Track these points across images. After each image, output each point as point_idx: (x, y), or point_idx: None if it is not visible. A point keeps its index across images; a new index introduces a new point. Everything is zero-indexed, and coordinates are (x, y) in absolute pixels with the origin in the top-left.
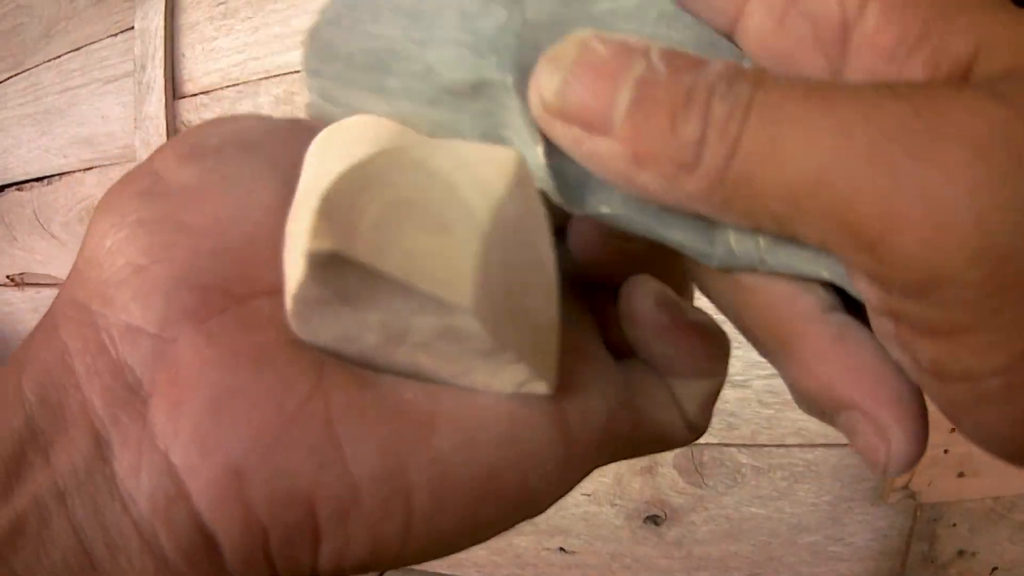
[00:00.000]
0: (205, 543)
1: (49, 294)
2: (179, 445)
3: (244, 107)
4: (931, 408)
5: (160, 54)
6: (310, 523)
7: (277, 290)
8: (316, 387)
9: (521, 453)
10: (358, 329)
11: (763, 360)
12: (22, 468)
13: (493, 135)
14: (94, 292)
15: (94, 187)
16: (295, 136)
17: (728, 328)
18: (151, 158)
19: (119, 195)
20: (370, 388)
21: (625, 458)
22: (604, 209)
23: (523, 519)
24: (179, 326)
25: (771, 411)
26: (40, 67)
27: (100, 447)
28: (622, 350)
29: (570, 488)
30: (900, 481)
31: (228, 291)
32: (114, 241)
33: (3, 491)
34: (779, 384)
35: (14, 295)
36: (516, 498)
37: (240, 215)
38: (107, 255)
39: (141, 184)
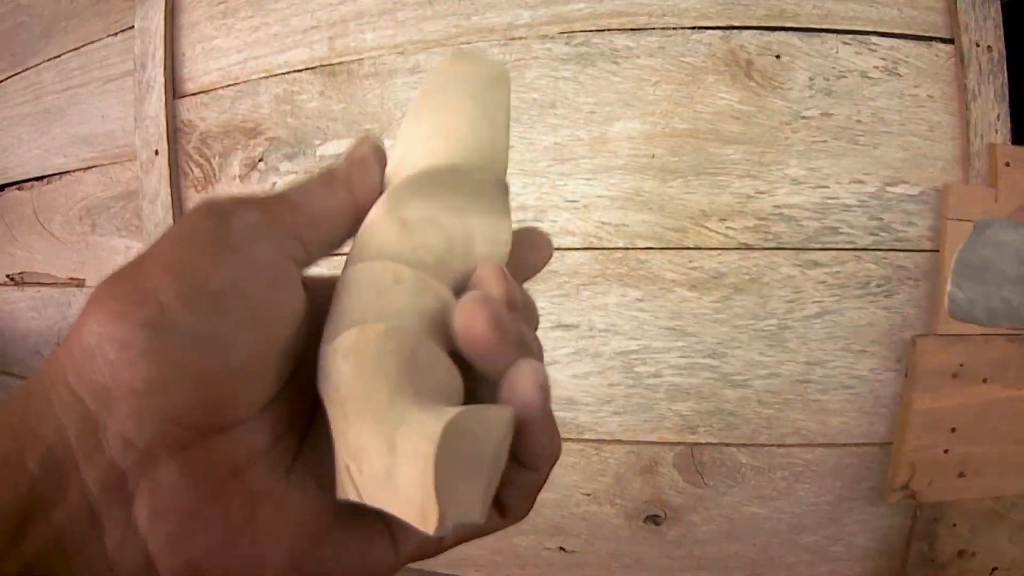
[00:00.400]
0: None
1: (49, 293)
2: (155, 541)
3: (244, 106)
4: (931, 407)
5: (160, 54)
6: None
7: (230, 427)
8: (248, 514)
9: (367, 556)
10: None
11: (763, 360)
12: (29, 525)
13: None
14: (92, 391)
15: (94, 186)
16: (282, 280)
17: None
18: (154, 268)
19: (125, 313)
20: (283, 513)
21: (456, 543)
22: None
23: None
24: (161, 450)
25: (771, 411)
26: (40, 67)
27: (94, 521)
28: None
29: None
30: (900, 481)
31: (199, 428)
32: (118, 359)
33: (12, 541)
34: (779, 384)
35: (14, 294)
36: None
37: (220, 367)
38: (108, 366)
39: (148, 314)
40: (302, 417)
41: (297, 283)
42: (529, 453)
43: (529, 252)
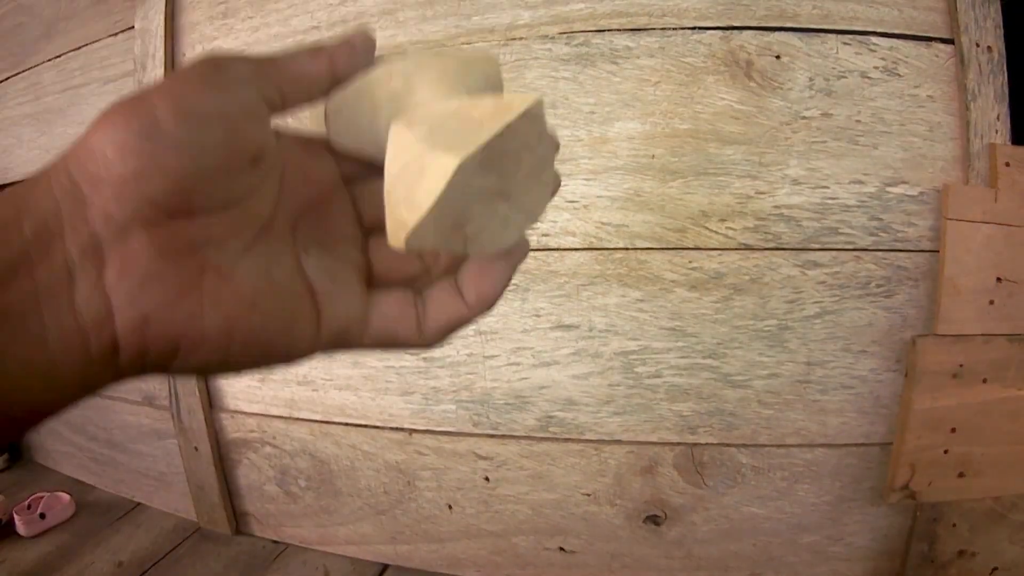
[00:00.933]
0: (113, 348)
1: None
2: (117, 294)
3: None
4: (931, 407)
5: (160, 54)
6: (173, 350)
7: (194, 214)
8: (196, 281)
9: (293, 329)
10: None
11: (763, 360)
12: (13, 278)
13: None
14: (87, 178)
15: None
16: (258, 102)
17: (726, 328)
18: (156, 94)
19: (127, 123)
20: (226, 283)
21: (373, 347)
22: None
23: (283, 363)
24: (136, 225)
25: (771, 411)
26: (40, 67)
27: (69, 278)
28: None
29: (315, 353)
30: (900, 481)
31: (169, 211)
32: (114, 155)
33: None
34: (779, 384)
35: None
36: (284, 351)
37: (193, 167)
38: (104, 160)
39: (144, 122)
40: (258, 221)
41: (266, 121)
42: (475, 291)
43: None
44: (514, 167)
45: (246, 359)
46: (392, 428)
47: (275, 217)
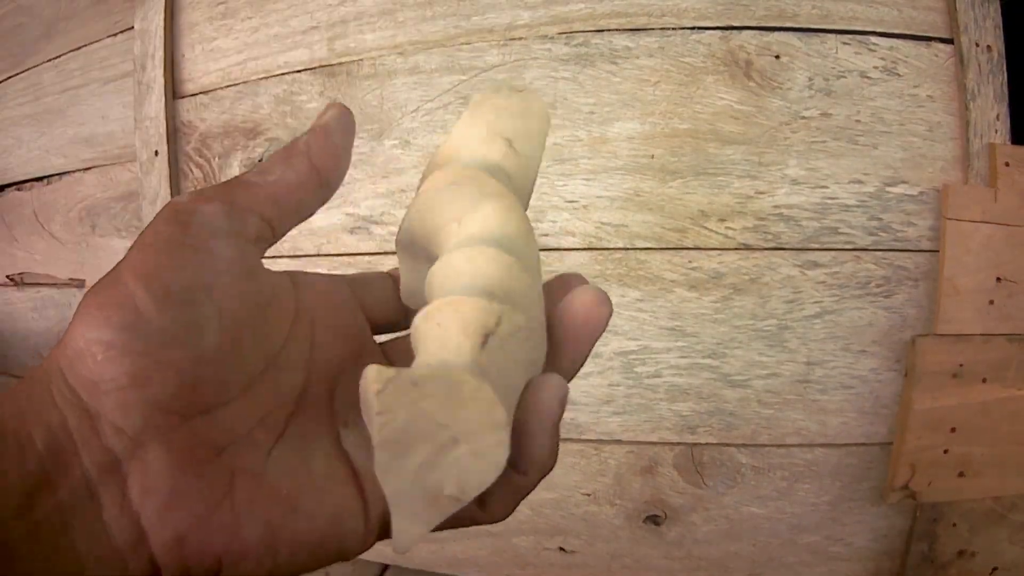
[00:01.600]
0: (152, 570)
1: (49, 293)
2: (146, 515)
3: (244, 107)
4: (931, 407)
5: (160, 54)
6: (215, 567)
7: (211, 410)
8: (226, 490)
9: (340, 526)
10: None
11: (763, 360)
12: (37, 497)
13: None
14: (85, 386)
15: (94, 187)
16: (247, 275)
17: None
18: (129, 273)
19: (107, 317)
20: (261, 487)
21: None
22: None
23: (337, 560)
24: (148, 435)
25: (771, 411)
26: (40, 67)
27: (93, 496)
28: None
29: (370, 545)
30: (900, 481)
31: (181, 413)
32: (104, 358)
33: (21, 512)
34: (779, 384)
35: (14, 295)
36: (336, 552)
37: (194, 357)
38: (96, 365)
39: (125, 314)
40: (288, 397)
41: (258, 271)
42: (528, 459)
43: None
44: (445, 428)
45: (296, 566)
46: None
47: (309, 385)
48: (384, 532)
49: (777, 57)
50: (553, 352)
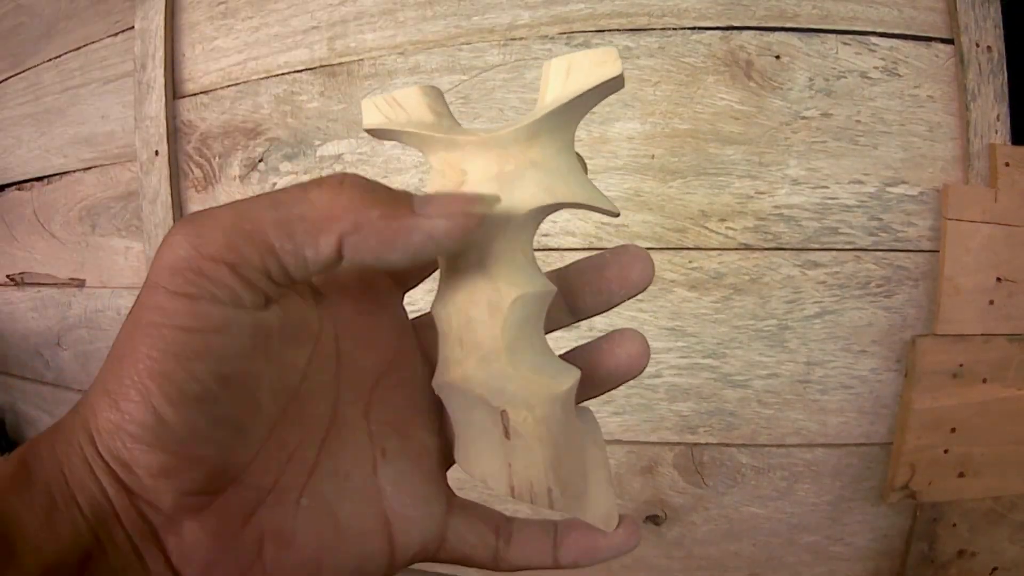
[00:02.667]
0: None
1: (49, 293)
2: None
3: (244, 107)
4: (931, 407)
5: (160, 54)
6: None
7: (238, 475)
8: (256, 555)
9: (365, 563)
10: None
11: (763, 360)
12: (91, 561)
13: None
14: (118, 464)
15: (94, 187)
16: (255, 349)
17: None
18: (145, 385)
19: (129, 416)
20: (289, 548)
21: (437, 562)
22: None
23: None
24: (181, 514)
25: (771, 411)
26: (40, 67)
27: (141, 559)
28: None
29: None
30: (900, 481)
31: (211, 492)
32: (133, 448)
33: (80, 572)
34: (779, 384)
35: (14, 295)
36: None
37: (220, 443)
38: (126, 450)
39: (146, 419)
40: (316, 428)
41: (273, 335)
42: None
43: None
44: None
45: None
46: None
47: (339, 407)
48: (405, 563)
49: (777, 57)
50: (587, 382)
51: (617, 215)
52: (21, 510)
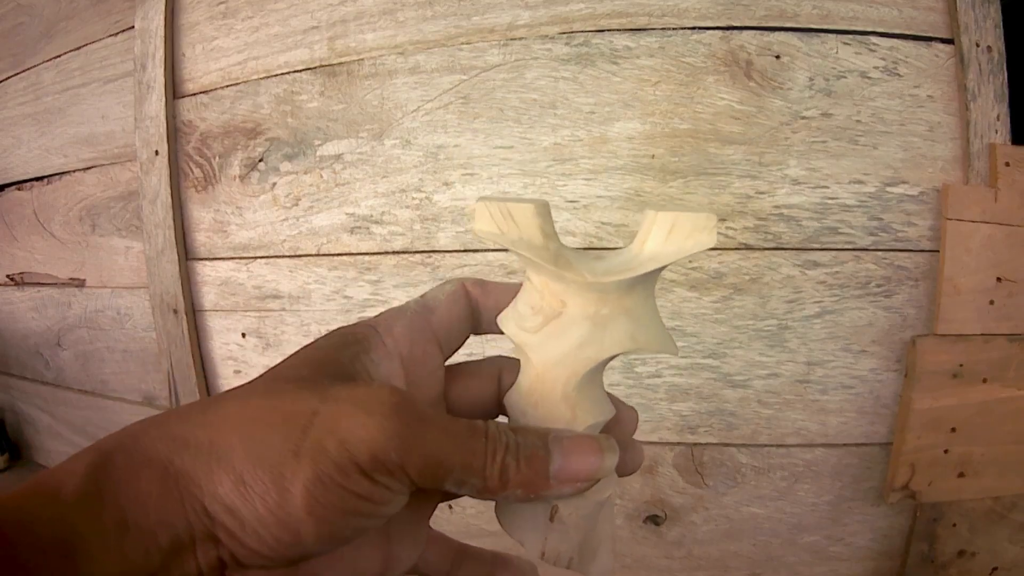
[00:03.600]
0: None
1: (49, 293)
2: None
3: (244, 107)
4: (931, 407)
5: (160, 54)
6: None
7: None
8: None
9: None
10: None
11: (763, 360)
12: None
13: None
14: (224, 530)
15: (94, 186)
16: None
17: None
18: (301, 513)
19: (267, 532)
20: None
21: None
22: None
23: None
24: (255, 571)
25: (771, 411)
26: (40, 67)
27: None
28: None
29: None
30: (900, 481)
31: (289, 564)
32: (252, 538)
33: None
34: (779, 384)
35: (14, 294)
36: None
37: (325, 548)
38: (242, 533)
39: (283, 537)
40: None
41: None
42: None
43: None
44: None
45: None
46: None
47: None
48: None
49: (777, 57)
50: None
51: (676, 354)
52: (87, 528)
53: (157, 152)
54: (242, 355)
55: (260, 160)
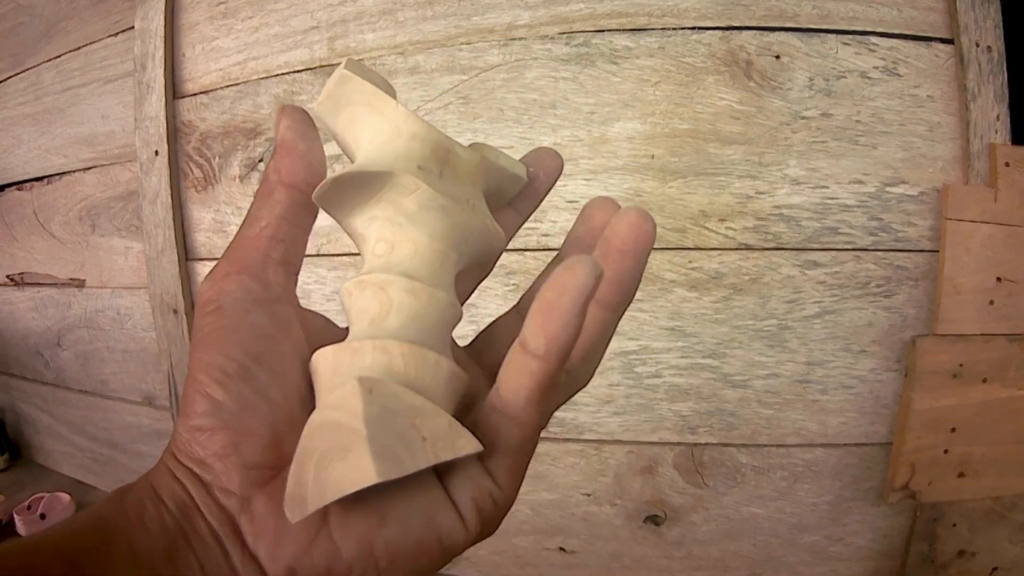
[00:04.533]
0: None
1: (49, 293)
2: (261, 555)
3: (244, 107)
4: (931, 407)
5: (160, 54)
6: None
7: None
8: (321, 521)
9: (435, 525)
10: None
11: (763, 360)
12: (176, 547)
13: None
14: (195, 463)
15: (94, 187)
16: (284, 334)
17: (726, 328)
18: (200, 379)
19: (194, 411)
20: (350, 508)
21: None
22: None
23: (446, 559)
24: (251, 491)
25: (771, 411)
26: (40, 67)
27: (221, 546)
28: None
29: (474, 539)
30: (900, 481)
31: (272, 466)
32: (202, 440)
33: (168, 556)
34: (779, 384)
35: (14, 294)
36: (438, 550)
37: (266, 416)
38: (198, 446)
39: (205, 406)
40: None
41: (292, 320)
42: (547, 336)
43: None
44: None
45: (402, 569)
46: None
47: None
48: (482, 530)
49: (777, 57)
50: (611, 280)
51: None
52: (114, 515)
53: (157, 152)
54: None
55: (260, 160)
